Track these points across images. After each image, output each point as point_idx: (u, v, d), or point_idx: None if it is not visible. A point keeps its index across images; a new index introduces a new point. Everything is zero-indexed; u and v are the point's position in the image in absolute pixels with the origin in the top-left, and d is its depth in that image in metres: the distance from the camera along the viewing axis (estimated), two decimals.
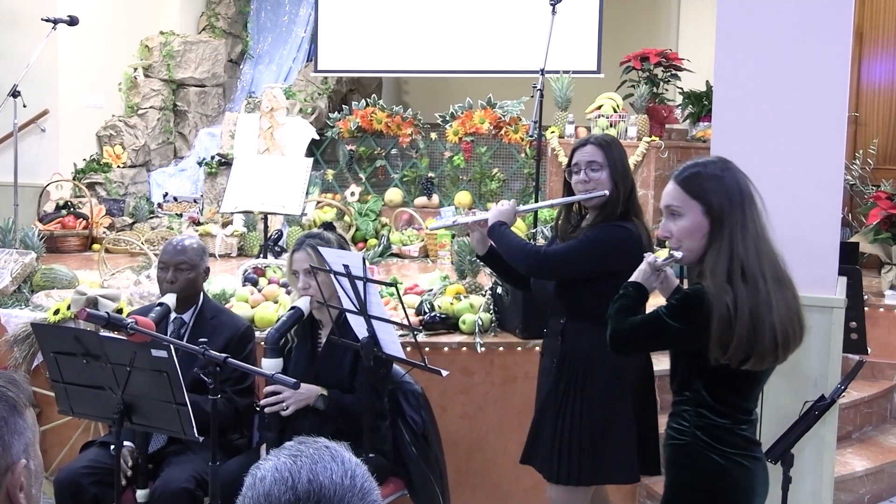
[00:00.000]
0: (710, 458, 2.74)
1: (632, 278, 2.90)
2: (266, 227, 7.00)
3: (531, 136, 7.45)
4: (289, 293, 5.06)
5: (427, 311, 5.06)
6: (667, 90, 8.21)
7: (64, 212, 8.26)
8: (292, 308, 3.78)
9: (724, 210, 2.69)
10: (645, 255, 2.95)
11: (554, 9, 6.11)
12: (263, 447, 3.83)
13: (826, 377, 3.75)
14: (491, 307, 5.01)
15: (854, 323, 4.05)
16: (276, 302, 5.21)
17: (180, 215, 8.74)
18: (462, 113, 8.68)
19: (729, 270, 2.64)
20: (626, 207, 3.47)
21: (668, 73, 8.05)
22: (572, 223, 3.62)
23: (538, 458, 3.59)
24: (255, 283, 5.60)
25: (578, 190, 3.51)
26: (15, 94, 7.09)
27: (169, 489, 3.75)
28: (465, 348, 4.86)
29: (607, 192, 3.45)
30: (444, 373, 3.51)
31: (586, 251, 3.42)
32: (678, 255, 2.77)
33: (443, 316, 5.00)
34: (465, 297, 5.14)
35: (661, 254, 3.00)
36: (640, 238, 3.41)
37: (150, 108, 9.67)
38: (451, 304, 5.07)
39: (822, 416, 3.36)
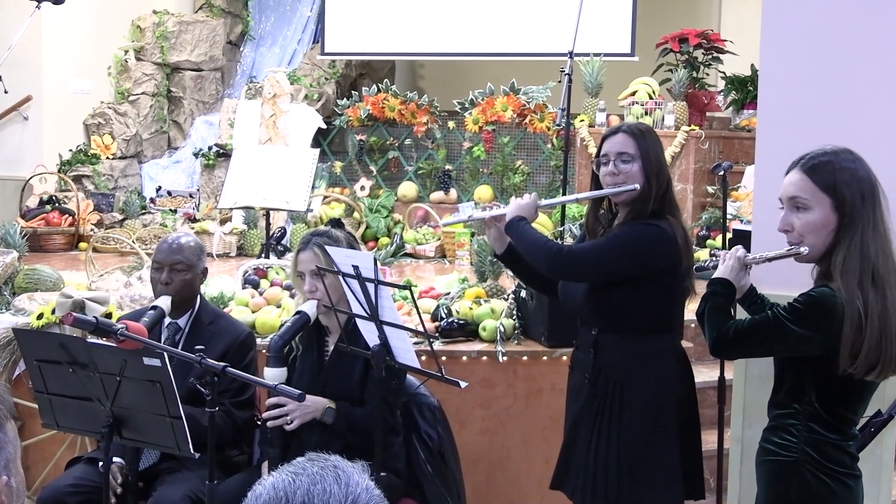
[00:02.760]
0: (820, 478, 2.76)
1: (718, 274, 2.92)
2: (268, 224, 7.01)
3: (558, 125, 7.42)
4: (293, 296, 5.07)
5: (444, 316, 5.06)
6: (708, 75, 8.18)
7: (48, 207, 8.31)
8: (297, 313, 3.79)
9: (857, 206, 2.70)
10: (734, 249, 2.95)
11: None
12: (265, 465, 3.84)
13: (883, 390, 3.72)
14: (514, 312, 5.00)
15: None
16: (279, 306, 5.22)
17: (175, 211, 8.78)
18: (483, 100, 8.67)
19: (861, 273, 2.66)
20: (661, 205, 3.42)
21: (710, 56, 8.03)
22: (602, 222, 3.59)
23: (570, 483, 3.56)
24: (256, 286, 5.61)
25: (606, 183, 3.46)
26: None
27: None
28: (485, 357, 4.86)
29: (637, 187, 3.39)
30: (463, 384, 3.51)
31: (614, 250, 3.38)
32: (804, 249, 2.77)
33: (461, 322, 5.00)
34: (485, 301, 5.13)
35: (700, 255, 2.99)
36: (674, 237, 3.36)
37: (142, 94, 9.71)
38: (471, 308, 5.07)
39: (878, 432, 3.34)
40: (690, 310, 3.22)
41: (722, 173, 4.37)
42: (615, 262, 3.37)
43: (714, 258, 3.05)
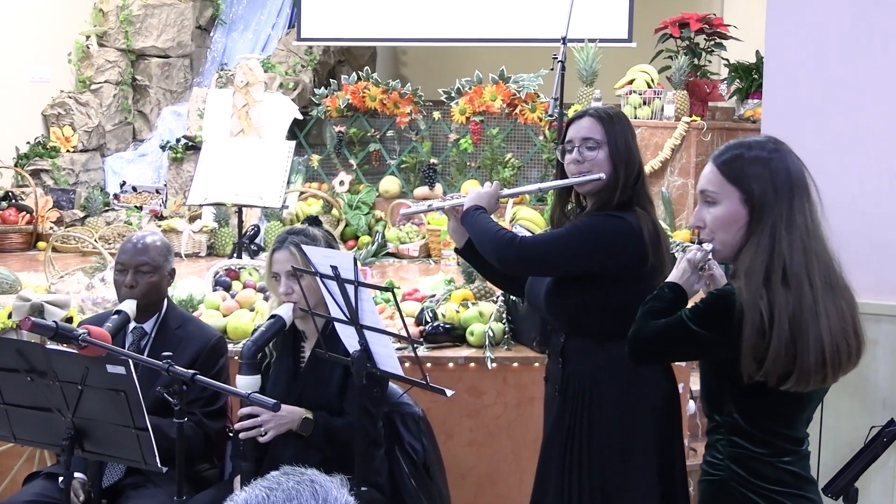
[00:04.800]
0: (747, 496, 2.70)
1: (669, 278, 2.88)
2: (240, 221, 7.00)
3: (551, 116, 7.45)
4: (267, 299, 5.06)
5: (429, 320, 5.06)
6: (710, 62, 8.20)
7: (4, 204, 8.27)
8: (272, 317, 3.79)
9: (768, 199, 2.66)
10: (686, 249, 2.92)
11: None
12: (237, 479, 3.83)
13: None
14: (504, 316, 5.01)
15: None
16: (252, 310, 5.21)
17: (140, 208, 8.75)
18: (470, 88, 8.68)
19: (768, 270, 2.61)
20: (630, 196, 3.36)
21: (712, 42, 8.04)
22: (567, 214, 3.53)
23: None
24: (227, 288, 5.60)
25: (571, 172, 3.41)
26: None
27: None
28: (473, 364, 4.86)
29: (603, 176, 3.34)
30: (449, 392, 3.51)
31: (571, 241, 3.31)
32: (708, 247, 2.76)
33: (447, 326, 5.00)
34: (473, 303, 5.14)
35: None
36: (640, 231, 3.30)
37: (105, 82, 9.68)
38: (458, 312, 5.07)
39: (891, 443, 3.36)
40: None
41: None
42: (571, 254, 3.31)
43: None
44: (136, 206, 8.79)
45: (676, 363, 3.69)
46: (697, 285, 2.90)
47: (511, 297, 4.99)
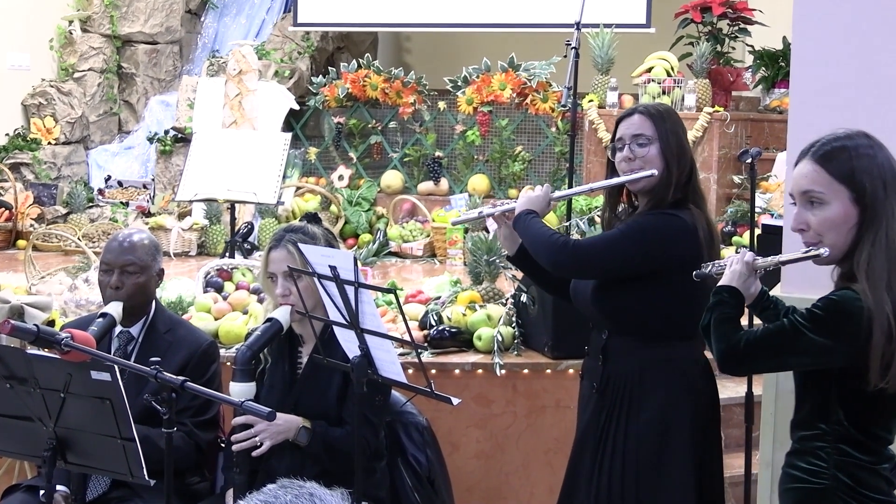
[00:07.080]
0: None
1: (724, 281, 2.91)
2: (233, 219, 7.00)
3: (564, 106, 7.45)
4: (262, 301, 5.07)
5: (434, 323, 5.06)
6: (734, 49, 8.20)
7: None
8: (268, 320, 3.79)
9: (879, 196, 2.69)
10: (740, 251, 2.95)
11: None
12: (229, 493, 3.84)
13: None
14: (513, 319, 5.01)
15: None
16: (245, 312, 5.22)
17: (126, 204, 8.76)
18: (478, 77, 8.67)
19: (889, 272, 2.65)
20: (683, 194, 3.46)
21: (736, 28, 8.04)
22: (618, 214, 3.63)
23: None
24: (219, 289, 5.61)
25: (622, 170, 3.51)
26: None
27: None
28: (480, 370, 4.87)
29: (655, 172, 3.43)
30: (455, 401, 3.51)
31: (627, 243, 3.42)
32: (823, 251, 2.76)
33: (453, 330, 5.00)
34: (480, 306, 5.14)
35: (725, 252, 2.98)
36: (694, 229, 3.39)
37: (89, 70, 9.69)
38: (464, 315, 5.07)
39: None
40: None
41: (750, 161, 4.38)
42: (628, 256, 3.41)
43: (717, 264, 3.03)
44: (121, 202, 8.80)
45: None
46: (753, 288, 2.95)
47: (521, 299, 5.00)
